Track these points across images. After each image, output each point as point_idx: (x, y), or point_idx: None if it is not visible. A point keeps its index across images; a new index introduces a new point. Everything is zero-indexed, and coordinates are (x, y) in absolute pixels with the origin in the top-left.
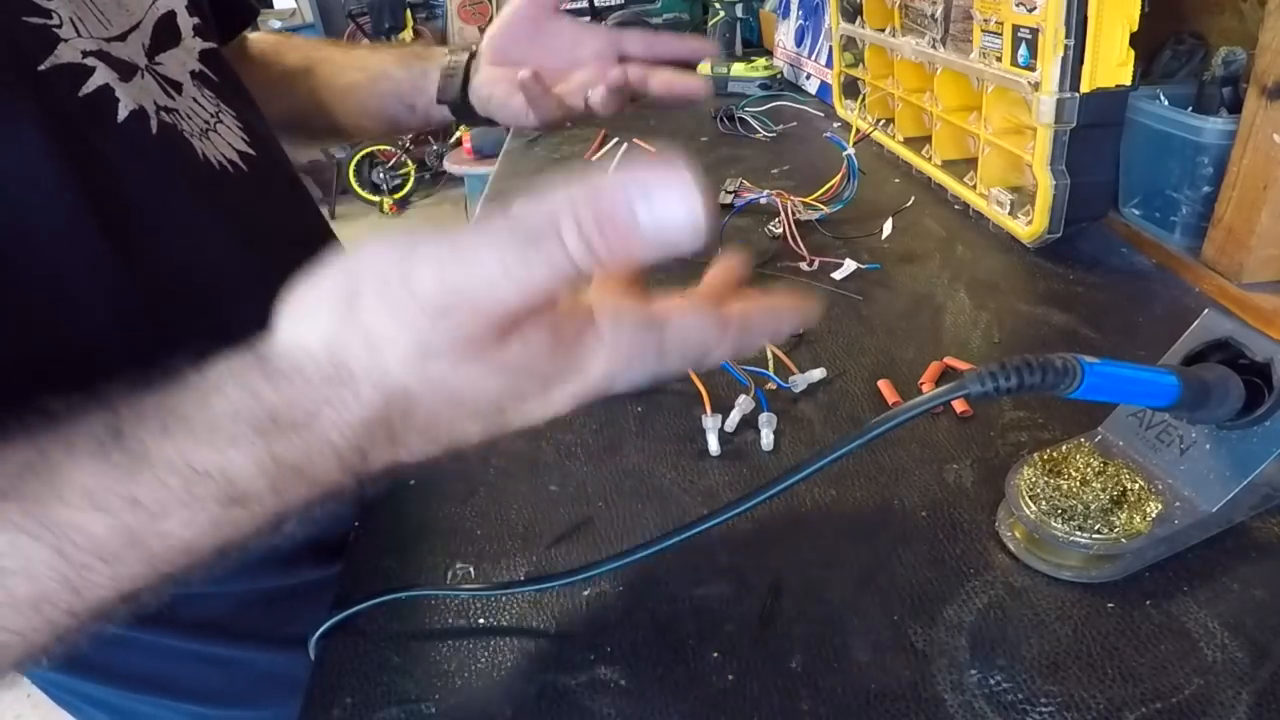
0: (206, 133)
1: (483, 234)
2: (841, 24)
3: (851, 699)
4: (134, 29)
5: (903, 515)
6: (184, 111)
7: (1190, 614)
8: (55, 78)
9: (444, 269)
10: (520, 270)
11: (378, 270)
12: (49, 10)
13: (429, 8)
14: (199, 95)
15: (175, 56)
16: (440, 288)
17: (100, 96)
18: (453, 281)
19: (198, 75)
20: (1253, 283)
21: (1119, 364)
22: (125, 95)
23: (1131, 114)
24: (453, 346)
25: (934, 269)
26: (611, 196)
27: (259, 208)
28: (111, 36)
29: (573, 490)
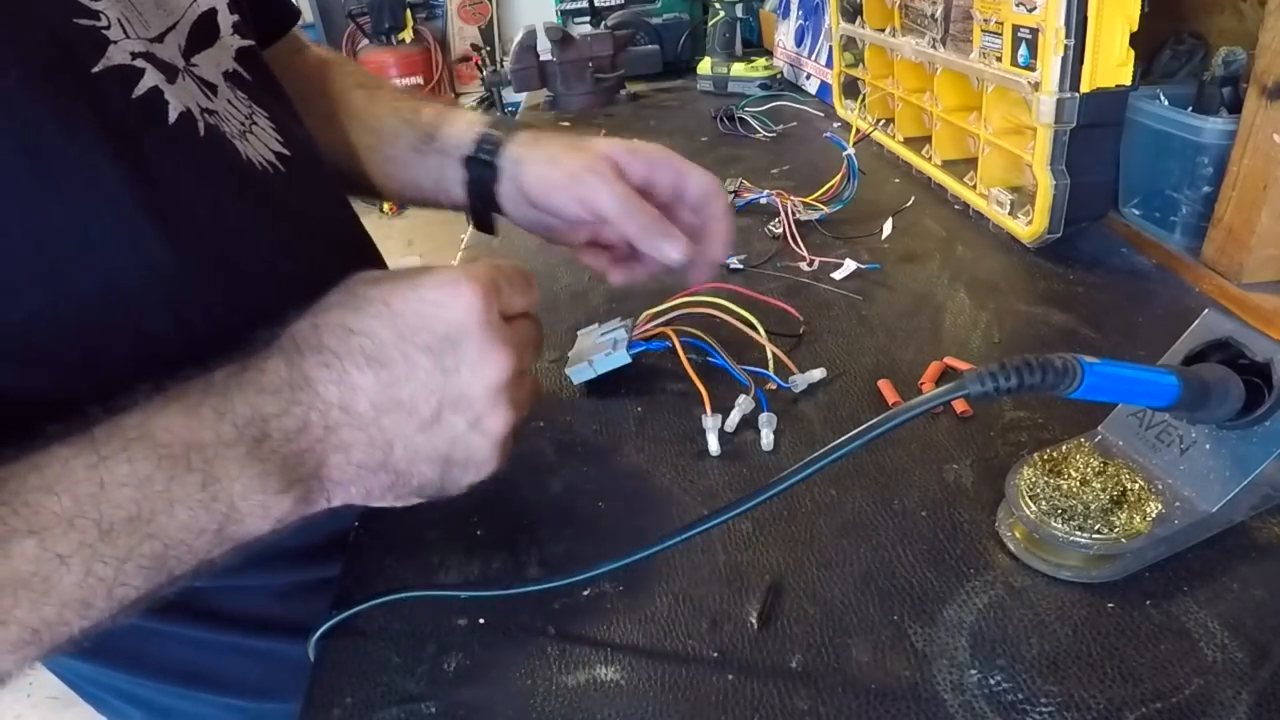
0: (244, 134)
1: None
2: (841, 24)
3: (851, 699)
4: (171, 29)
5: (903, 515)
6: (223, 113)
7: (1190, 614)
8: (109, 80)
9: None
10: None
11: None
12: (97, 11)
13: (429, 8)
14: (232, 97)
15: (210, 57)
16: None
17: (152, 98)
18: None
19: (231, 76)
20: (1253, 283)
21: (1119, 364)
22: (173, 97)
23: (1131, 114)
24: (427, 271)
25: (934, 269)
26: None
27: (299, 209)
28: (152, 37)
29: (573, 490)
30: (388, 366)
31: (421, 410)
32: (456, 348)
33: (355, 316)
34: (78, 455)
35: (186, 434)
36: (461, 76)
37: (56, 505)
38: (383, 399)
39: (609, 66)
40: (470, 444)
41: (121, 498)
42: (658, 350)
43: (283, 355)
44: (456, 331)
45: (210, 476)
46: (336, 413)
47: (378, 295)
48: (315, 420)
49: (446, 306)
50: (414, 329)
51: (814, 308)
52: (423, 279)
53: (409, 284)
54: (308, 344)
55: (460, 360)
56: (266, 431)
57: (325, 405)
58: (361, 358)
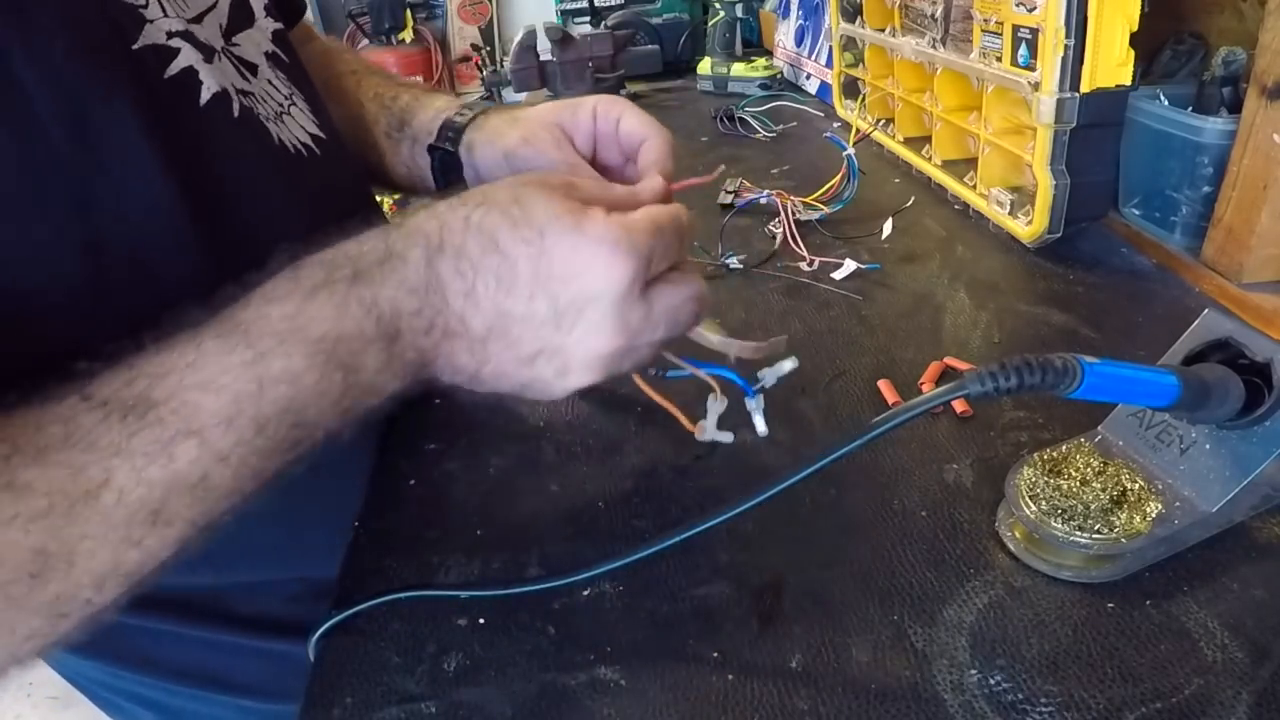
0: (280, 116)
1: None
2: (841, 24)
3: (851, 699)
4: (210, 9)
5: (903, 515)
6: (259, 94)
7: (1190, 614)
8: (148, 57)
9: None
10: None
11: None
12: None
13: (429, 8)
14: (273, 77)
15: (250, 37)
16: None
17: (185, 78)
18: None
19: (271, 57)
20: (1253, 283)
21: (1119, 364)
22: (208, 77)
23: (1131, 114)
24: (541, 179)
25: (934, 269)
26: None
27: (330, 192)
28: (191, 17)
29: (573, 490)
30: (512, 298)
31: (523, 349)
32: (581, 312)
33: (508, 232)
34: (232, 350)
35: (336, 328)
36: (461, 76)
37: (215, 404)
38: (497, 325)
39: (609, 66)
40: (548, 387)
41: (277, 394)
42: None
43: (425, 247)
44: (588, 300)
45: (352, 369)
46: (456, 322)
47: (541, 218)
48: (439, 324)
49: (593, 271)
50: (552, 276)
51: (814, 308)
52: (588, 226)
53: (573, 224)
54: (451, 242)
55: (577, 323)
56: (400, 329)
57: (450, 313)
58: (493, 279)
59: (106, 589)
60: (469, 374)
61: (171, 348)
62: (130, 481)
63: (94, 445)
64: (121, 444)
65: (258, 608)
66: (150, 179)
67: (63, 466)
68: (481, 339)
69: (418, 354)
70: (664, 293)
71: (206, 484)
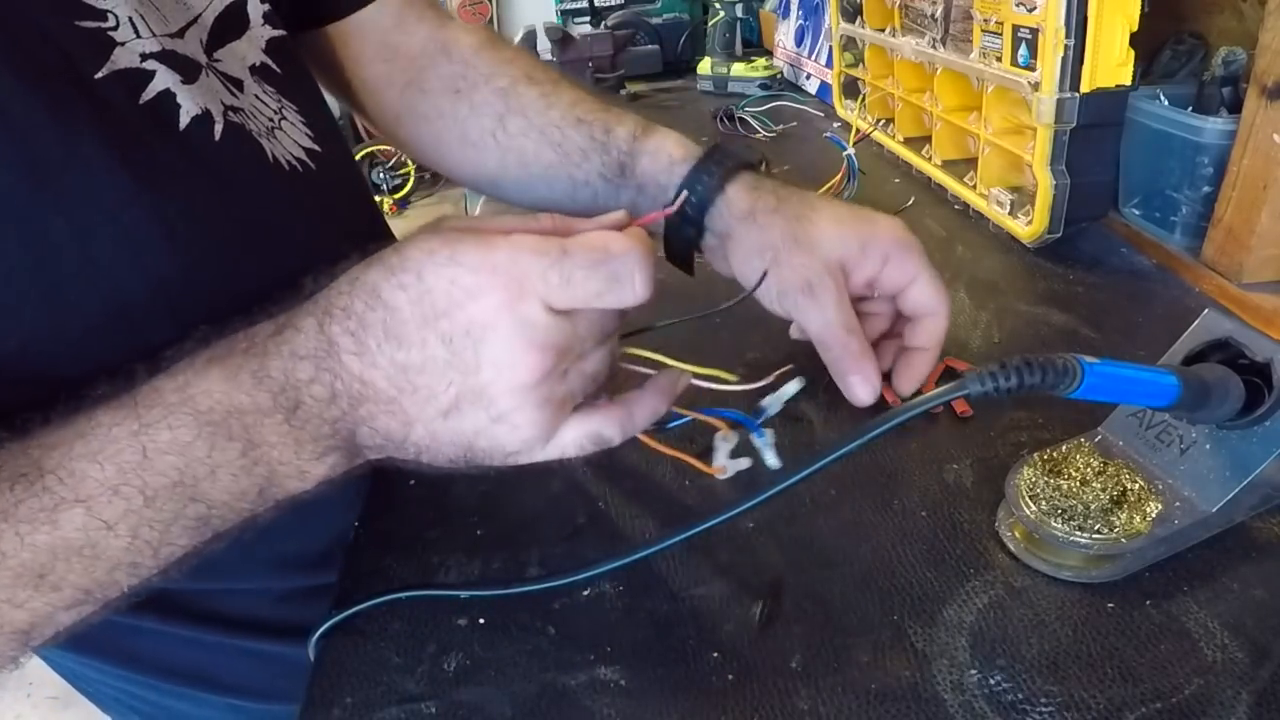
0: (272, 131)
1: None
2: (841, 24)
3: (851, 699)
4: (192, 24)
5: (903, 515)
6: (249, 110)
7: (1190, 614)
8: (113, 85)
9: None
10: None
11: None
12: (104, 12)
13: None
14: (260, 92)
15: (234, 51)
16: (501, 227)
17: (161, 103)
18: (514, 233)
19: (258, 69)
20: (1253, 283)
21: (1119, 364)
22: (188, 99)
23: (1131, 114)
24: (438, 228)
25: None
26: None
27: (327, 208)
28: (171, 33)
29: (573, 490)
30: (404, 348)
31: (439, 400)
32: (478, 346)
33: (388, 282)
34: (120, 423)
35: (226, 400)
36: None
37: (100, 474)
38: (400, 380)
39: (609, 66)
40: (496, 436)
41: (164, 465)
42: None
43: (316, 315)
44: (481, 329)
45: (250, 443)
46: (357, 385)
47: (417, 260)
48: (341, 390)
49: (475, 298)
50: (437, 313)
51: None
52: (465, 253)
53: (449, 255)
54: (338, 304)
55: (481, 359)
56: (299, 399)
57: (349, 376)
58: (381, 332)
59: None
60: (399, 439)
61: (70, 421)
62: (13, 546)
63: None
64: (9, 510)
65: (248, 609)
66: (116, 216)
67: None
68: (391, 398)
69: (330, 426)
70: (581, 319)
71: (95, 551)
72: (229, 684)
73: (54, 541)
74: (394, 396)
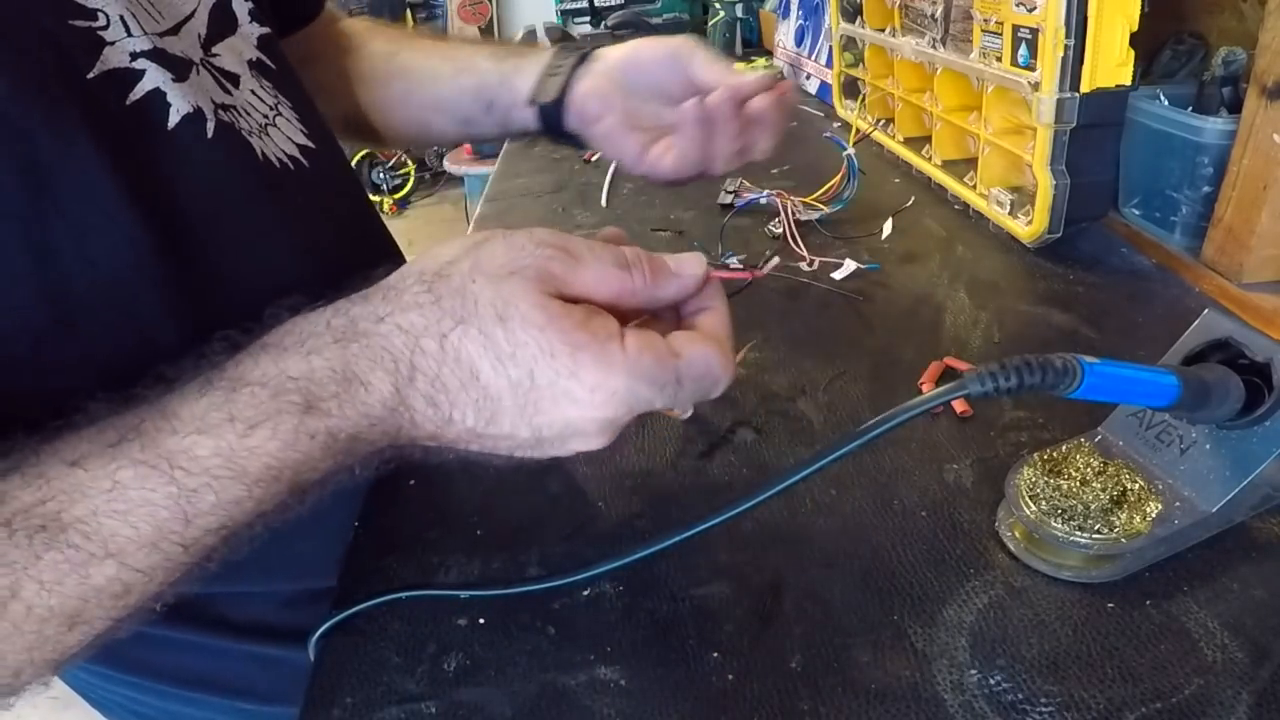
0: (266, 128)
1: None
2: (841, 24)
3: (851, 699)
4: (188, 19)
5: (903, 515)
6: (241, 107)
7: (1190, 614)
8: (102, 86)
9: (560, 238)
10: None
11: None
12: (94, 11)
13: (429, 7)
14: (257, 87)
15: (232, 46)
16: (553, 238)
17: (149, 103)
18: (562, 239)
19: (255, 64)
20: (1253, 283)
21: (1119, 364)
22: (179, 98)
23: (1131, 114)
24: (537, 273)
25: (934, 269)
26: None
27: (320, 207)
28: (164, 31)
29: (573, 490)
30: (493, 426)
31: (500, 450)
32: (566, 440)
33: (492, 368)
34: (155, 488)
35: (278, 461)
36: None
37: (134, 534)
38: (473, 441)
39: None
40: (555, 451)
41: (205, 523)
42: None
43: (393, 373)
44: (574, 432)
45: (296, 486)
46: (425, 437)
47: (531, 355)
48: (404, 437)
49: (581, 408)
50: (539, 410)
51: (814, 308)
52: (585, 368)
53: (570, 364)
54: (424, 370)
55: (563, 445)
56: (357, 451)
57: (419, 433)
58: (473, 412)
59: (24, 675)
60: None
61: (84, 464)
62: (39, 596)
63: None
64: (29, 562)
65: (251, 613)
66: (113, 216)
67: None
68: (451, 443)
69: (377, 455)
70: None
71: (128, 594)
72: (235, 688)
73: (86, 591)
74: (455, 443)
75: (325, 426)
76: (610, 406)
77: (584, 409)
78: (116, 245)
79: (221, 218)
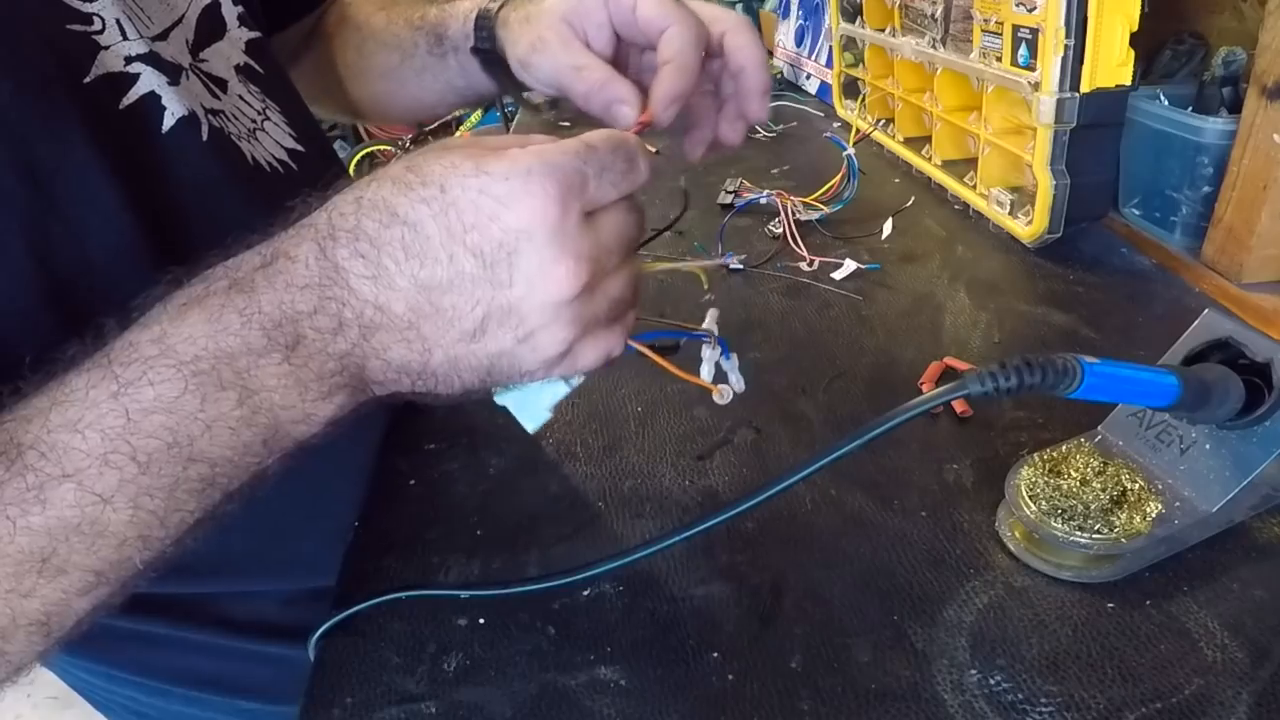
0: (254, 132)
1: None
2: (841, 24)
3: (851, 699)
4: (176, 24)
5: (903, 515)
6: (229, 112)
7: (1190, 614)
8: (100, 89)
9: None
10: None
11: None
12: (89, 15)
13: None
14: (245, 92)
15: (219, 51)
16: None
17: (144, 106)
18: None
19: (243, 69)
20: (1253, 283)
21: (1119, 364)
22: (173, 101)
23: (1131, 114)
24: (498, 154)
25: (934, 269)
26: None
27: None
28: (155, 35)
29: (573, 490)
30: (429, 266)
31: (464, 321)
32: (512, 258)
33: (404, 198)
34: (97, 384)
35: (212, 345)
36: None
37: (84, 444)
38: (422, 303)
39: None
40: (517, 358)
41: (153, 426)
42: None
43: (315, 239)
44: (516, 239)
45: (246, 390)
46: (371, 311)
47: (437, 174)
48: (350, 318)
49: (511, 207)
50: (466, 226)
51: (814, 308)
52: (491, 163)
53: (473, 166)
54: (343, 226)
55: (515, 273)
56: (299, 334)
57: (360, 302)
58: (401, 251)
59: (15, 640)
60: (417, 369)
61: (43, 389)
62: (5, 530)
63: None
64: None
65: (252, 612)
66: (109, 218)
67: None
68: (410, 322)
69: (337, 361)
70: (606, 214)
71: (96, 528)
72: (235, 687)
73: (49, 522)
74: (413, 321)
75: (248, 301)
76: (535, 187)
77: (511, 206)
78: (114, 247)
79: (213, 221)
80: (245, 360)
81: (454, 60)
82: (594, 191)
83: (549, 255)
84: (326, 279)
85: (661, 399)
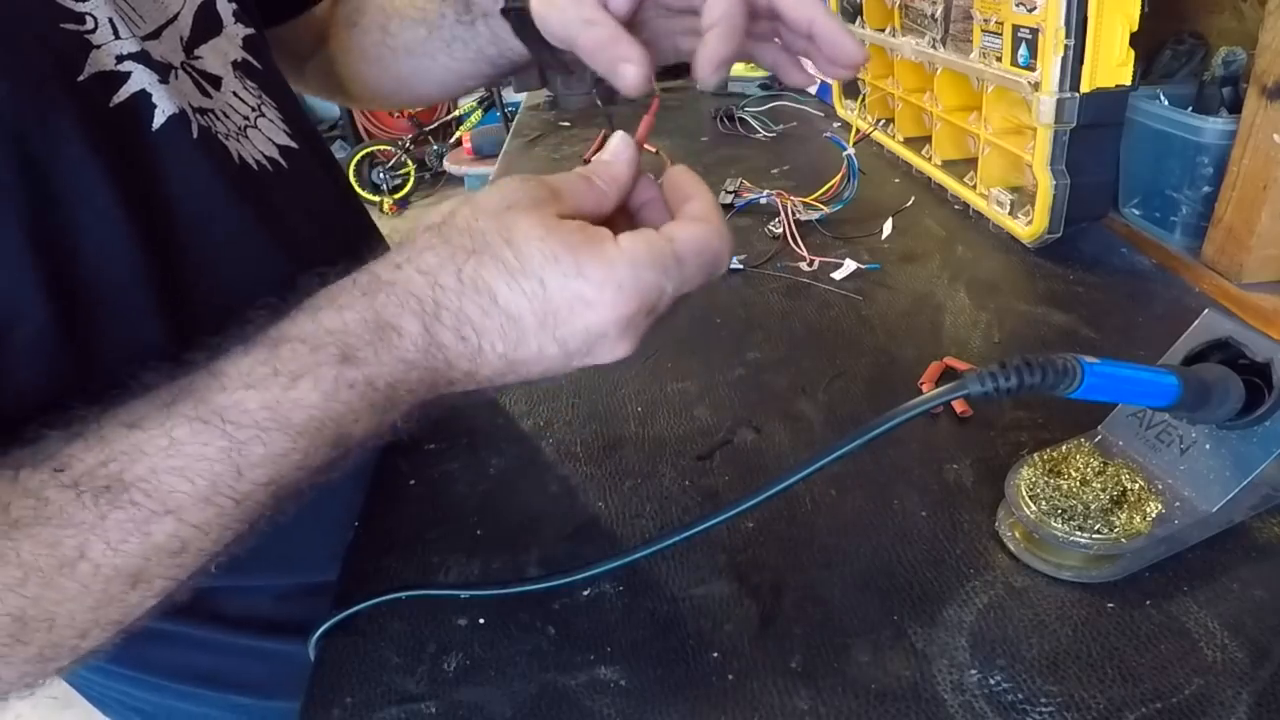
0: (245, 130)
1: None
2: None
3: (851, 699)
4: (170, 23)
5: (903, 515)
6: (219, 110)
7: (1190, 614)
8: (93, 87)
9: (535, 176)
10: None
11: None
12: (82, 14)
13: None
14: (240, 88)
15: (216, 47)
16: (532, 177)
17: (135, 104)
18: (537, 177)
19: (240, 65)
20: (1253, 283)
21: (1119, 364)
22: (164, 99)
23: (1131, 114)
24: (530, 201)
25: (934, 269)
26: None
27: (301, 208)
28: (147, 34)
29: (573, 490)
30: (520, 350)
31: (533, 375)
32: (589, 345)
33: (506, 286)
34: (208, 442)
35: (321, 413)
36: None
37: (191, 489)
38: (507, 371)
39: None
40: (585, 362)
41: (256, 476)
42: None
43: (420, 315)
44: (596, 336)
45: (340, 440)
46: (461, 376)
47: (537, 264)
48: (441, 383)
49: (599, 312)
50: (558, 321)
51: (814, 308)
52: (588, 266)
53: (573, 264)
54: (447, 305)
55: (588, 355)
56: (397, 399)
57: (454, 372)
58: (499, 339)
59: (91, 637)
60: (485, 386)
61: (142, 426)
62: (105, 555)
63: (68, 522)
64: (95, 522)
65: (248, 608)
66: (102, 213)
67: (37, 541)
68: (488, 380)
69: (419, 405)
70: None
71: (185, 551)
72: (231, 683)
73: (147, 549)
74: (491, 379)
75: (363, 375)
76: (622, 301)
77: (598, 310)
78: (109, 244)
79: (201, 219)
80: (349, 420)
81: (484, 26)
82: (670, 299)
83: (617, 342)
84: (430, 354)
85: (661, 399)
